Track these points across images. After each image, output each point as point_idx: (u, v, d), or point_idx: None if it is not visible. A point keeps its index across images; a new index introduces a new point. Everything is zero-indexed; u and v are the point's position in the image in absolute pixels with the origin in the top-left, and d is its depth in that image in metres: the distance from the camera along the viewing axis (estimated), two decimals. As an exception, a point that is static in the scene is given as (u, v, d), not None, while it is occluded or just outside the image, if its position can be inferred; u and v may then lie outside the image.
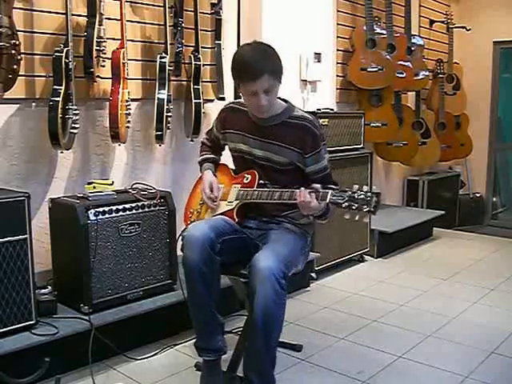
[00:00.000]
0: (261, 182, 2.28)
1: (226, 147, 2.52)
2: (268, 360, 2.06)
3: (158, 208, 2.77)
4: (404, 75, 4.78)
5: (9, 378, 2.16)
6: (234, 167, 2.48)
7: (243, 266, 2.16)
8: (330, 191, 2.00)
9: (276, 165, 2.26)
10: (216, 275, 2.18)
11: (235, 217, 2.27)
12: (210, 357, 2.24)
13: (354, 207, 1.95)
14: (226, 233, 2.20)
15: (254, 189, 2.25)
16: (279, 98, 2.29)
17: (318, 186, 2.06)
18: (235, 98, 3.31)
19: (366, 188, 1.96)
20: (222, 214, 2.32)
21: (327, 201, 1.99)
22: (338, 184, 2.26)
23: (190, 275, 2.14)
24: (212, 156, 2.54)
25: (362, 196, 1.95)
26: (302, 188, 2.06)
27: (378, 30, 4.60)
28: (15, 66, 2.42)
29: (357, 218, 1.98)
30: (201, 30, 3.34)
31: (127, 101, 2.91)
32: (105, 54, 2.82)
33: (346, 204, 1.96)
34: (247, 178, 2.31)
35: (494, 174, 6.37)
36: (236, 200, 2.30)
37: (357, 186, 1.97)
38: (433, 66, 5.60)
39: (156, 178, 3.33)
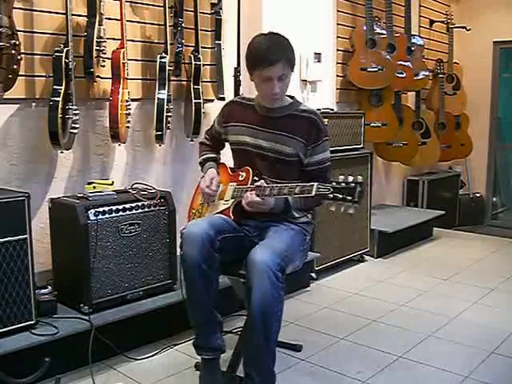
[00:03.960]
0: (255, 178, 2.28)
1: (226, 145, 2.53)
2: (268, 355, 2.06)
3: (158, 208, 2.77)
4: (404, 75, 4.77)
5: (9, 378, 2.16)
6: (232, 164, 2.48)
7: (242, 265, 2.16)
8: (316, 183, 1.99)
9: (280, 155, 2.28)
10: (215, 273, 2.18)
11: (231, 215, 2.28)
12: (209, 355, 2.24)
13: (339, 198, 1.95)
14: (225, 230, 2.21)
15: (248, 186, 2.27)
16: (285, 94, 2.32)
17: (261, 181, 2.14)
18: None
19: (350, 178, 1.97)
20: (219, 212, 2.33)
21: (313, 193, 1.98)
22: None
23: (190, 272, 2.14)
24: (213, 155, 2.56)
25: (347, 186, 1.95)
26: (248, 193, 2.14)
27: (378, 30, 4.59)
28: (15, 66, 2.42)
29: (342, 209, 1.99)
30: (201, 30, 3.34)
31: (127, 101, 2.91)
32: (105, 53, 2.82)
33: (332, 196, 1.96)
34: (242, 176, 2.34)
35: (494, 174, 6.36)
36: (232, 198, 2.32)
37: (342, 177, 1.98)
38: (433, 66, 5.60)
39: (156, 177, 3.33)
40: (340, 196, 1.95)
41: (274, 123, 2.29)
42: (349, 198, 1.94)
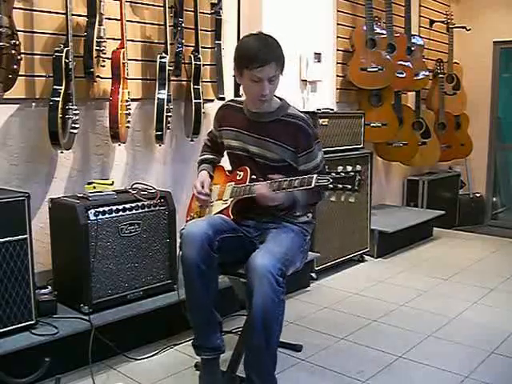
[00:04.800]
0: (253, 177, 2.28)
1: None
2: (269, 359, 2.06)
3: (158, 208, 2.77)
4: (404, 75, 4.77)
5: (9, 378, 2.16)
6: (229, 166, 2.48)
7: (242, 265, 2.16)
8: (315, 175, 2.01)
9: (269, 161, 2.27)
10: (214, 273, 2.18)
11: (231, 214, 2.28)
12: (209, 355, 2.24)
13: (339, 187, 1.97)
14: (224, 231, 2.20)
15: (246, 184, 2.27)
16: (274, 95, 2.30)
17: (275, 176, 2.11)
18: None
19: (349, 168, 1.99)
20: (218, 212, 2.33)
21: (312, 185, 1.99)
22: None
23: (189, 272, 2.14)
24: (210, 156, 2.55)
25: (346, 176, 1.97)
26: (263, 182, 2.13)
27: (378, 30, 4.59)
28: (15, 66, 2.42)
29: (343, 198, 2.01)
30: (201, 30, 3.34)
31: (127, 101, 2.91)
32: (105, 54, 2.82)
33: (331, 186, 1.98)
34: (240, 175, 2.34)
35: (494, 174, 6.36)
36: (230, 198, 2.32)
37: (341, 167, 1.99)
38: (433, 66, 5.60)
39: (156, 177, 3.33)
40: (340, 186, 1.96)
41: (261, 128, 2.27)
42: (349, 186, 1.95)
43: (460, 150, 5.86)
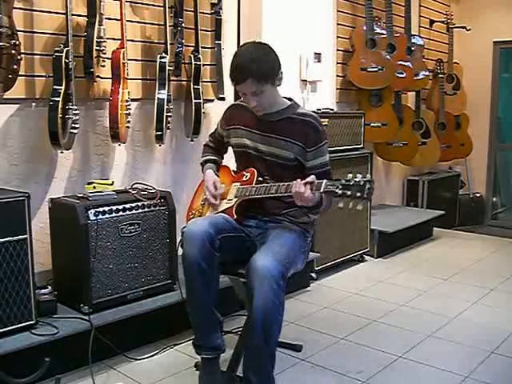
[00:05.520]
0: (260, 179, 2.29)
1: (229, 148, 2.53)
2: (267, 360, 2.05)
3: (158, 208, 2.77)
4: (404, 75, 4.77)
5: (9, 378, 2.16)
6: (235, 167, 2.49)
7: (242, 265, 2.16)
8: (325, 180, 2.01)
9: (279, 159, 2.27)
10: (215, 272, 2.18)
11: (234, 214, 2.28)
12: (209, 355, 2.24)
13: (348, 194, 1.97)
14: (226, 230, 2.21)
15: (253, 185, 2.27)
16: (284, 97, 2.33)
17: (312, 177, 2.07)
18: (235, 98, 3.31)
19: (359, 176, 1.98)
20: (221, 212, 2.32)
21: (321, 190, 2.00)
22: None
23: (190, 271, 2.14)
24: (214, 157, 2.56)
25: (356, 183, 1.96)
26: (298, 180, 2.08)
27: (378, 30, 4.59)
28: (15, 66, 2.42)
29: (350, 205, 2.00)
30: (201, 30, 3.34)
31: (127, 101, 2.91)
32: (105, 54, 2.82)
33: (341, 192, 1.98)
34: (246, 176, 2.33)
35: (494, 174, 6.37)
36: (235, 197, 2.31)
37: (351, 175, 1.99)
38: (433, 66, 5.60)
39: (156, 177, 3.33)
40: (349, 193, 1.96)
41: (272, 127, 2.29)
42: (358, 194, 1.95)
43: (460, 150, 5.86)
